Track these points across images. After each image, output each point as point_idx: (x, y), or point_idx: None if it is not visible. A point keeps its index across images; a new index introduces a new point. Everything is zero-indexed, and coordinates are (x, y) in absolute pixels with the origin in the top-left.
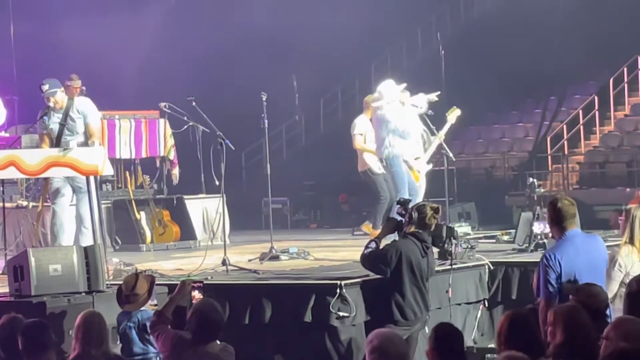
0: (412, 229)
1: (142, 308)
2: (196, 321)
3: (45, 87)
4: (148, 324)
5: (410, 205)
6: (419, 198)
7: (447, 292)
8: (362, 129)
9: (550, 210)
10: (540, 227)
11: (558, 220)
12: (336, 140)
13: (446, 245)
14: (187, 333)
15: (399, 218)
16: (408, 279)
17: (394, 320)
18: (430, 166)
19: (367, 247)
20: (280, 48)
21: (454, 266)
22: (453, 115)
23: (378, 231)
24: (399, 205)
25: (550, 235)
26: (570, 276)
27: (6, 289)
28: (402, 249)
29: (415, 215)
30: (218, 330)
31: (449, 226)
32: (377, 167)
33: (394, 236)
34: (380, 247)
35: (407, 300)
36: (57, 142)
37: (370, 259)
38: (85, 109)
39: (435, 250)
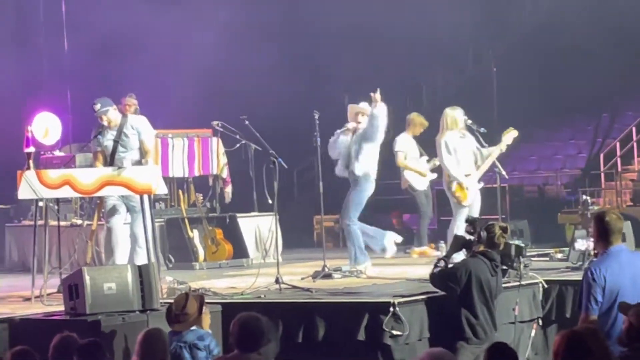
0: (482, 248)
1: (192, 327)
2: (238, 330)
3: (97, 107)
4: (199, 343)
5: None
6: (474, 214)
7: (513, 309)
8: (402, 146)
9: (597, 223)
10: (584, 244)
11: (604, 235)
12: (387, 158)
13: (514, 263)
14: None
15: (468, 236)
16: (478, 298)
17: (465, 338)
18: (481, 184)
19: (436, 265)
20: (331, 68)
21: (512, 284)
22: (509, 136)
23: (425, 249)
24: (467, 224)
25: (594, 251)
26: (614, 291)
27: (61, 307)
28: (471, 268)
29: (484, 234)
30: (260, 338)
31: (518, 244)
32: (417, 184)
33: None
34: (449, 266)
35: (479, 318)
36: (111, 159)
37: (440, 278)
38: (139, 125)
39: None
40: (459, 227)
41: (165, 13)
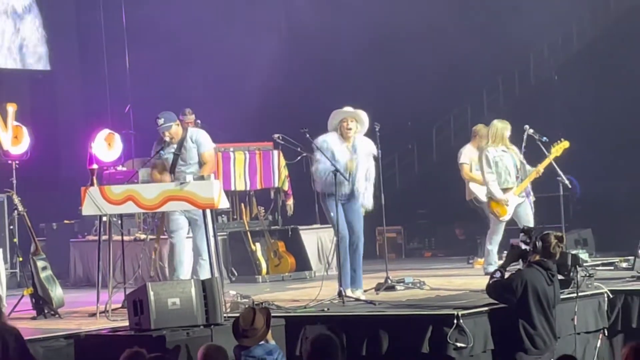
0: (537, 257)
1: (261, 342)
2: (311, 349)
3: (160, 122)
4: (267, 358)
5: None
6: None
7: (572, 320)
8: (467, 158)
9: None
10: None
11: None
12: (449, 168)
13: (571, 273)
14: None
15: (524, 246)
16: (535, 308)
17: (524, 349)
18: (521, 199)
19: (491, 277)
20: (393, 76)
21: (575, 294)
22: (559, 148)
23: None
24: (522, 234)
25: None
26: None
27: (126, 323)
28: (527, 277)
29: (539, 244)
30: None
31: (574, 254)
32: (482, 195)
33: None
34: (505, 277)
35: (537, 329)
36: (171, 172)
37: (495, 289)
38: (198, 137)
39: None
40: (490, 240)
41: (227, 26)
